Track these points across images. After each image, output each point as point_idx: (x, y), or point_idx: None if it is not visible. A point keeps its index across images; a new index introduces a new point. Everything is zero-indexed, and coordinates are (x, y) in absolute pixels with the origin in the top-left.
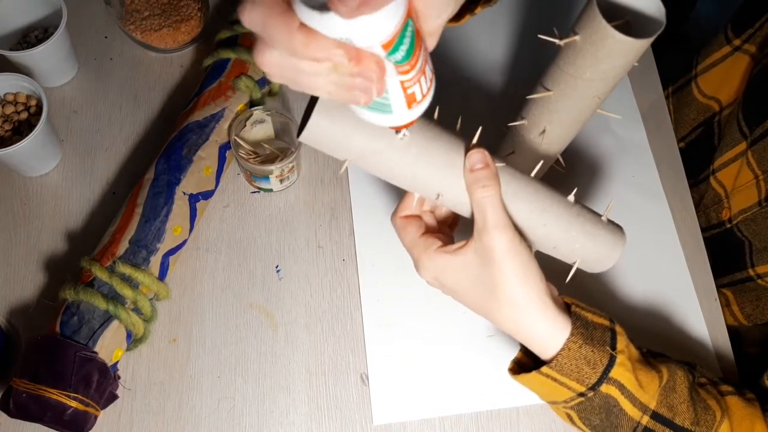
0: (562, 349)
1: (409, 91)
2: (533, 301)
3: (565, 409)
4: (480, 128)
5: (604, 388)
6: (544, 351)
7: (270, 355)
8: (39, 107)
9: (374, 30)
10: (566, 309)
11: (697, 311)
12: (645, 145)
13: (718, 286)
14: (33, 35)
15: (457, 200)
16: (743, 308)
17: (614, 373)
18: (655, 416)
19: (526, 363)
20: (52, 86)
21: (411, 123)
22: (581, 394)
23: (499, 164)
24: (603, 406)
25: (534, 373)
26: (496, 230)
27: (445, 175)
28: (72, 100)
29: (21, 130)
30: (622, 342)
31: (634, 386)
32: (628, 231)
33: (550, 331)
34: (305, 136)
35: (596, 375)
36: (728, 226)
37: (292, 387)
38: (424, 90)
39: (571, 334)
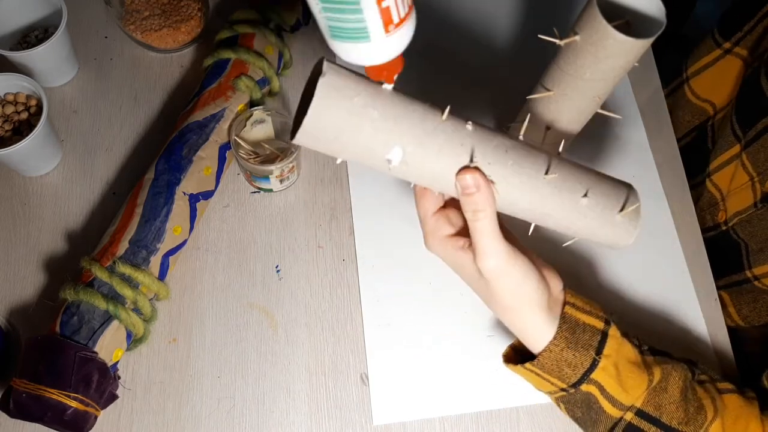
0: (544, 351)
1: (384, 4)
2: (522, 309)
3: (553, 398)
4: (449, 106)
5: (584, 387)
6: (533, 347)
7: (270, 355)
8: (39, 107)
9: None
10: (561, 309)
11: (697, 311)
12: (645, 145)
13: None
14: (33, 35)
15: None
16: (740, 310)
17: (595, 375)
18: (641, 413)
19: (514, 356)
20: (52, 86)
21: (392, 63)
22: (563, 389)
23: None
24: (584, 401)
25: (519, 366)
26: (489, 257)
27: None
28: (72, 100)
29: (21, 130)
30: (611, 346)
31: (615, 389)
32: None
33: (538, 332)
34: (306, 127)
35: (576, 376)
36: (724, 228)
37: (292, 387)
38: (401, 12)
39: (554, 338)
